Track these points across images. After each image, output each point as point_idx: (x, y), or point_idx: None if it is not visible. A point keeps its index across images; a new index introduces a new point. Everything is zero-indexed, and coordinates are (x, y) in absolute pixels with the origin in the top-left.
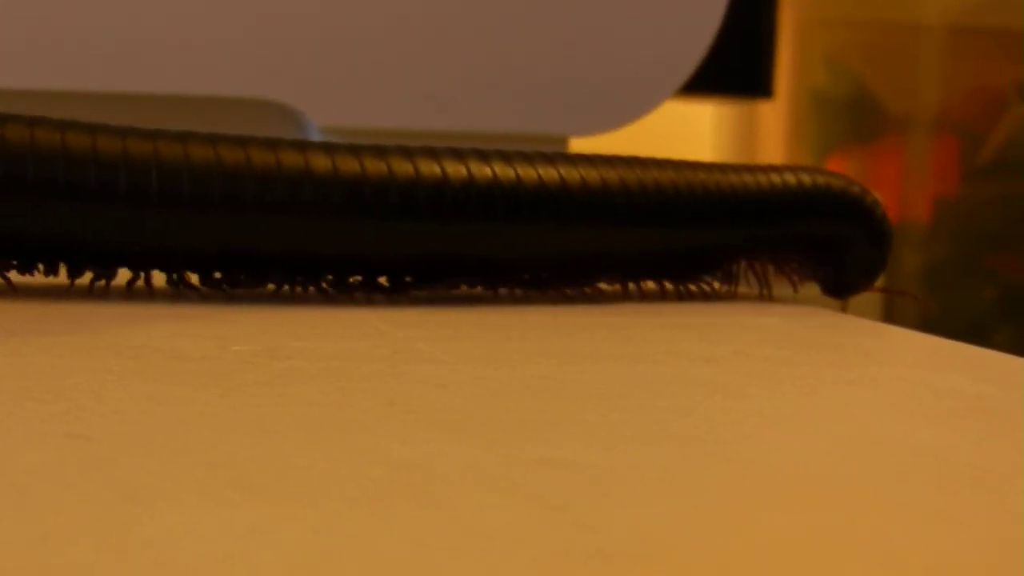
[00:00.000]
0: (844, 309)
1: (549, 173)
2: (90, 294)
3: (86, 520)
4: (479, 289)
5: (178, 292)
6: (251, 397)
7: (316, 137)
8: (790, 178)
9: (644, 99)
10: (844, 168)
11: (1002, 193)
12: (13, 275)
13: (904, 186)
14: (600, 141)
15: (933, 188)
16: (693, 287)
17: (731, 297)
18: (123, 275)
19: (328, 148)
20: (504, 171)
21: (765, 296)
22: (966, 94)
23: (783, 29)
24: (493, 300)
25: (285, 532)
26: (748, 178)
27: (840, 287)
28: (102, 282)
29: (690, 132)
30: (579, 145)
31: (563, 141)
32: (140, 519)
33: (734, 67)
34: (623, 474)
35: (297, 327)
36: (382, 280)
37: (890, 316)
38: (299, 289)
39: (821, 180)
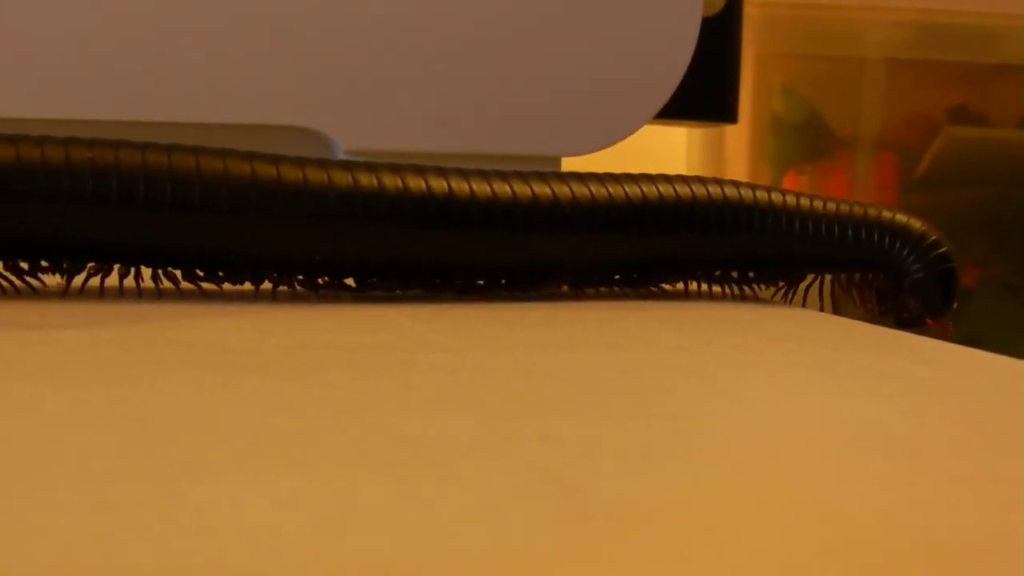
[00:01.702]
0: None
1: (632, 190)
2: (140, 296)
3: (143, 491)
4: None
5: (220, 292)
6: (287, 383)
7: (342, 158)
8: (860, 211)
9: (628, 121)
10: (798, 183)
11: (935, 203)
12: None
13: (851, 197)
14: (588, 161)
15: (876, 199)
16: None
17: (707, 296)
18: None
19: (347, 166)
20: (561, 189)
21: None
22: (904, 118)
23: (747, 62)
24: (499, 298)
25: (315, 500)
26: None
27: (901, 318)
28: (159, 283)
29: (667, 152)
30: (570, 164)
31: (556, 161)
32: (190, 490)
33: (704, 96)
34: (609, 447)
35: (328, 322)
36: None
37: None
38: (330, 288)
39: (888, 216)
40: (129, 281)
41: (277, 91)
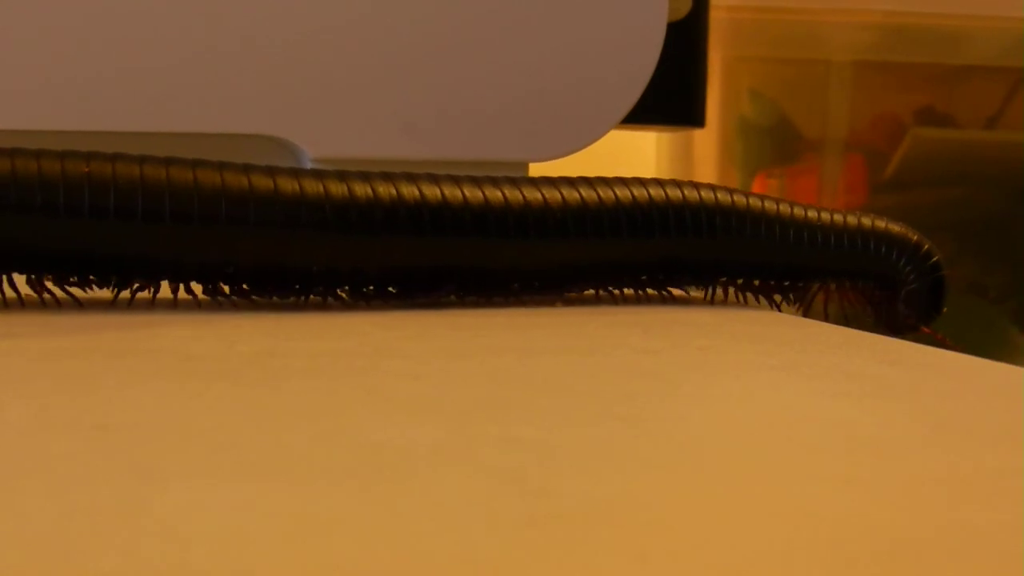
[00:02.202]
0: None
1: (622, 193)
2: (112, 305)
3: (107, 497)
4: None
5: (189, 301)
6: (252, 390)
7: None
8: (865, 221)
9: (595, 126)
10: (768, 186)
11: (903, 204)
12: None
13: (819, 199)
14: (559, 166)
15: (844, 200)
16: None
17: (671, 299)
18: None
19: (319, 175)
20: (550, 193)
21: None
22: (871, 120)
23: (713, 67)
24: (465, 304)
25: (276, 505)
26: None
27: (895, 325)
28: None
29: (636, 157)
30: (537, 169)
31: (523, 166)
32: (153, 496)
33: (671, 100)
34: (573, 449)
35: (293, 330)
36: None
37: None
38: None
39: (882, 225)
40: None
41: (245, 100)
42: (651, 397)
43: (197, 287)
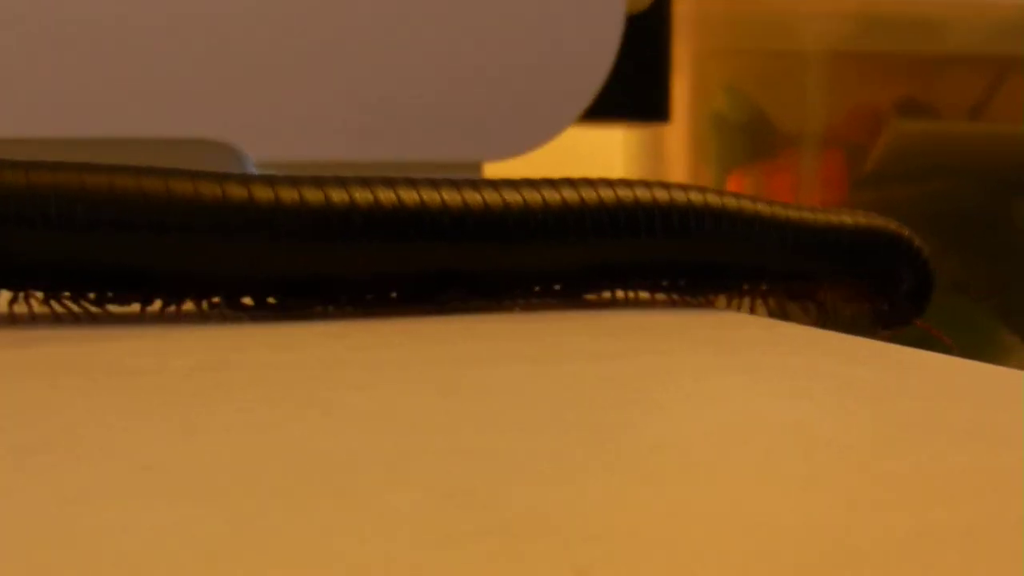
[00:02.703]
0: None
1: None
2: (34, 320)
3: (30, 521)
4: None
5: (120, 313)
6: (187, 407)
7: (254, 171)
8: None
9: (551, 124)
10: (744, 183)
11: (883, 199)
12: None
13: (797, 196)
14: (518, 166)
15: (823, 196)
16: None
17: (636, 302)
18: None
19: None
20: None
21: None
22: (849, 113)
23: (685, 60)
24: (416, 312)
25: (203, 526)
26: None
27: (885, 321)
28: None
29: (603, 155)
30: (493, 170)
31: (477, 167)
32: (78, 519)
33: (634, 95)
34: (521, 460)
35: (233, 341)
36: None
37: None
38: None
39: (874, 222)
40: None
41: (183, 102)
42: (605, 404)
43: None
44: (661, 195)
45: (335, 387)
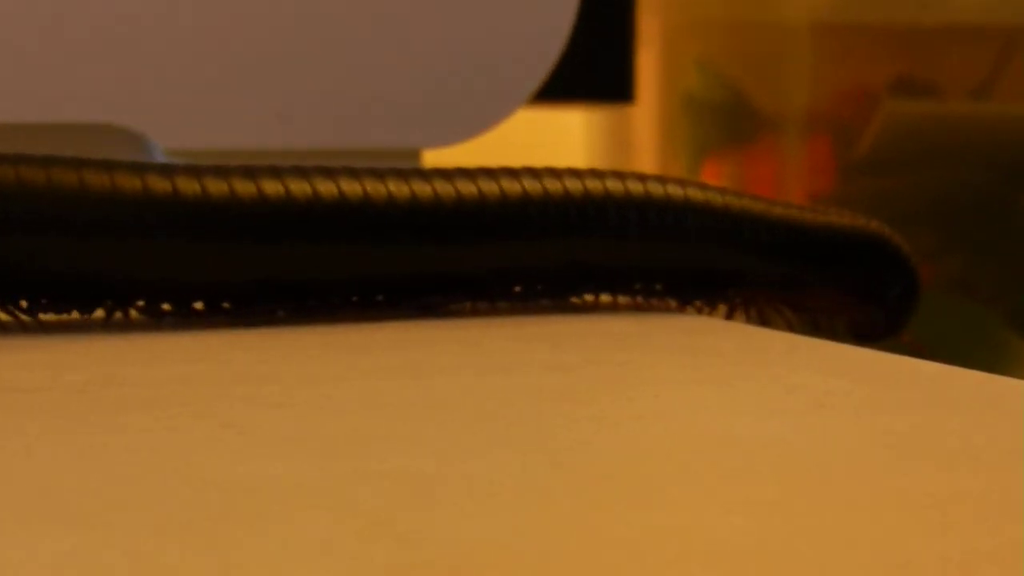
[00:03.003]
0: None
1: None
2: None
3: None
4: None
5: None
6: (81, 426)
7: (161, 160)
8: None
9: (497, 108)
10: (720, 171)
11: (878, 189)
12: None
13: (779, 186)
14: (466, 153)
15: (808, 187)
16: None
17: (593, 307)
18: None
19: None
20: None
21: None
22: (838, 92)
23: (652, 33)
24: (343, 319)
25: (106, 557)
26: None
27: (865, 333)
28: None
29: (563, 140)
30: (433, 158)
31: (415, 155)
32: None
33: (595, 73)
34: (453, 485)
35: (134, 353)
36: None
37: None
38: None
39: (854, 222)
40: None
41: (86, 85)
42: (555, 421)
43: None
44: (614, 186)
45: (249, 405)
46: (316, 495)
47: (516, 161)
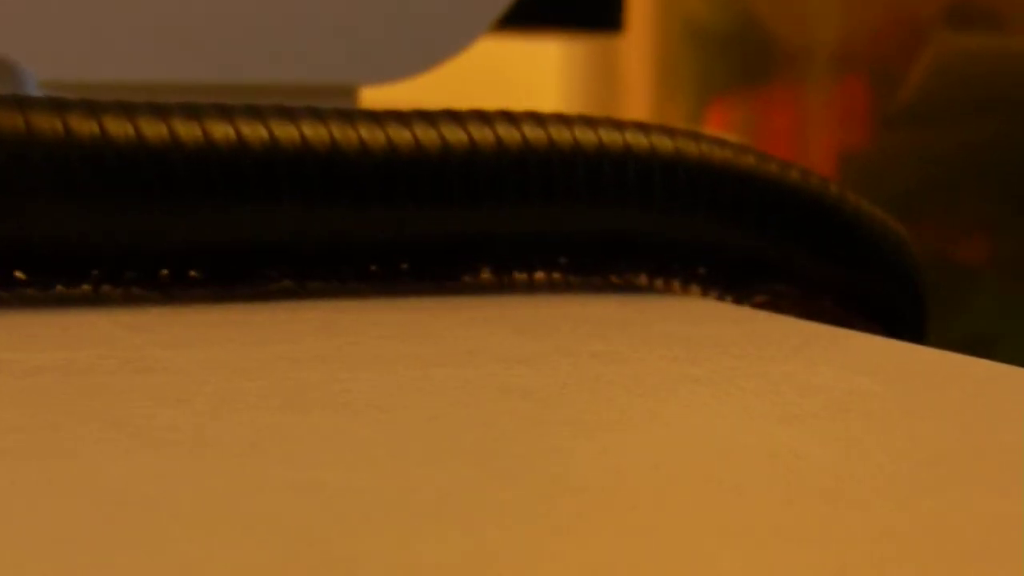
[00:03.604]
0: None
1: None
2: None
3: None
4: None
5: None
6: None
7: (36, 93)
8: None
9: (452, 37)
10: (729, 117)
11: (923, 144)
12: None
13: (801, 138)
14: (419, 92)
15: (837, 140)
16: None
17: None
18: None
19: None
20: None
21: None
22: (877, 23)
23: None
24: (258, 297)
25: None
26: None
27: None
28: None
29: (536, 76)
30: (372, 97)
31: (351, 92)
32: None
33: None
34: (391, 499)
35: (3, 334)
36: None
37: None
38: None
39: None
40: None
41: None
42: (514, 425)
43: None
44: (560, 135)
45: (145, 398)
46: (227, 510)
47: (476, 103)
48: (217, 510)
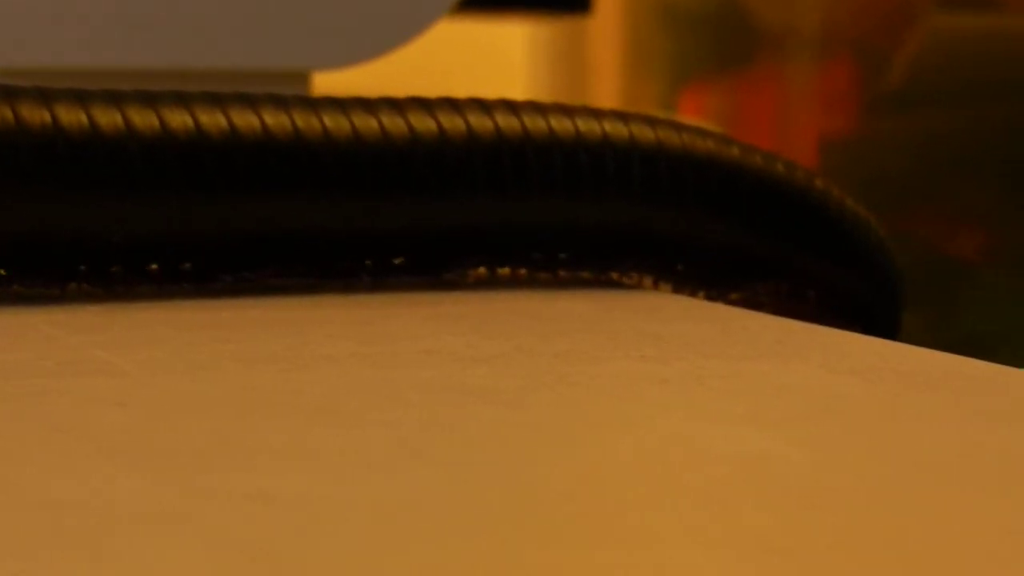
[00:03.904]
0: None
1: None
2: None
3: None
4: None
5: None
6: None
7: None
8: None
9: (410, 19)
10: (704, 103)
11: (912, 130)
12: None
13: (783, 122)
14: (380, 77)
15: (821, 124)
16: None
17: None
18: None
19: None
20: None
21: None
22: (863, 3)
23: None
24: (201, 294)
25: None
26: None
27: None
28: None
29: (501, 60)
30: (325, 83)
31: (304, 78)
32: None
33: None
34: (345, 509)
35: None
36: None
37: None
38: None
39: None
40: None
41: None
42: (471, 428)
43: None
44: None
45: (84, 401)
46: (168, 518)
47: (436, 90)
48: (160, 519)
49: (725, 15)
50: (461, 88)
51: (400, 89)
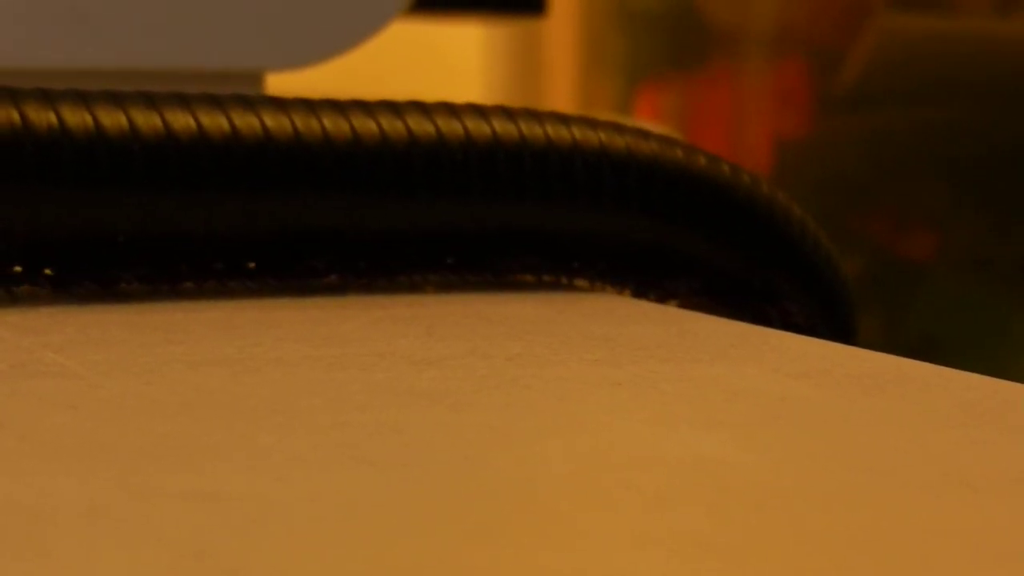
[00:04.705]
0: None
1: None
2: None
3: None
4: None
5: None
6: None
7: None
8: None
9: (364, 20)
10: (659, 103)
11: (865, 131)
12: None
13: (737, 122)
14: (334, 78)
15: (774, 125)
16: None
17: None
18: None
19: None
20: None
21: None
22: (817, 4)
23: None
24: (152, 295)
25: None
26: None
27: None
28: None
29: (455, 61)
30: (278, 84)
31: (257, 79)
32: None
33: None
34: (293, 510)
35: None
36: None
37: None
38: None
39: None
40: None
41: None
42: (421, 431)
43: None
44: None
45: (35, 402)
46: (114, 520)
47: (391, 91)
48: (106, 518)
49: (679, 15)
50: (416, 90)
51: (355, 90)
